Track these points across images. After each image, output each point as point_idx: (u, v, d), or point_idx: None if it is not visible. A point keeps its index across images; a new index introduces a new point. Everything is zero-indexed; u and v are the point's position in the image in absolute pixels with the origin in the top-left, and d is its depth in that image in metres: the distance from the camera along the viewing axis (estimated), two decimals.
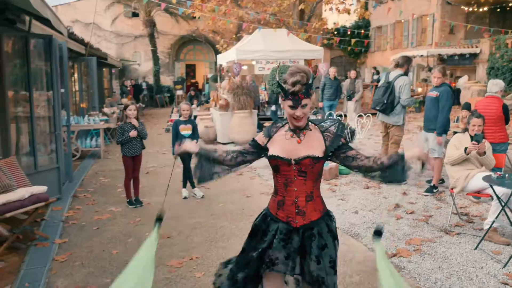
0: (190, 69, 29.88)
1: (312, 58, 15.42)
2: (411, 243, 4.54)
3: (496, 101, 5.79)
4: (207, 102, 17.90)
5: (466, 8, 20.37)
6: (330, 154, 2.34)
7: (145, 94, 24.53)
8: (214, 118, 11.89)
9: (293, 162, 2.26)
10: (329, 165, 7.26)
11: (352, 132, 8.24)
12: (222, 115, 11.18)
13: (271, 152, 2.34)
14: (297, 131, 2.32)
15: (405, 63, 6.62)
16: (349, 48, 24.83)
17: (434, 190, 6.19)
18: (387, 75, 6.73)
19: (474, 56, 18.31)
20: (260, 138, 2.44)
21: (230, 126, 10.90)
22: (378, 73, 23.18)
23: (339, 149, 2.33)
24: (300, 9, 18.30)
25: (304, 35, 15.38)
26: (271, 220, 2.40)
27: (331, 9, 16.75)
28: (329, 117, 2.26)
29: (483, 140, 4.67)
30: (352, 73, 12.04)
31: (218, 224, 5.31)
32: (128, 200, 6.05)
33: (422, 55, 18.89)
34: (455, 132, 8.06)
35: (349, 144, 2.39)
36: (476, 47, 18.38)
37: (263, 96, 14.76)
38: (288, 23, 18.49)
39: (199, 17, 18.13)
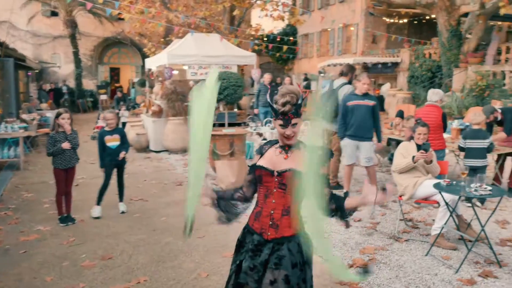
0: (115, 73, 28.63)
1: (245, 64, 15.36)
2: (365, 252, 4.52)
3: (436, 110, 6.01)
4: (134, 107, 17.16)
5: (387, 20, 21.50)
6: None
7: (65, 98, 22.99)
8: (146, 125, 11.35)
9: (275, 173, 2.30)
10: None
11: None
12: (155, 122, 10.69)
13: (258, 163, 2.40)
14: (286, 148, 2.36)
15: (349, 71, 6.68)
16: (277, 54, 25.24)
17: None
18: (331, 83, 6.76)
19: (395, 65, 19.33)
20: (254, 159, 2.50)
21: (163, 133, 10.45)
22: (307, 79, 23.70)
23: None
24: (232, 14, 18.19)
25: (237, 40, 15.26)
26: (247, 231, 2.44)
27: (266, 15, 16.80)
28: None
29: (430, 149, 4.79)
30: (287, 80, 12.10)
31: (163, 240, 4.95)
32: (59, 217, 5.47)
33: (348, 63, 19.54)
34: (390, 139, 8.35)
35: None
36: (397, 56, 19.43)
37: None
38: (219, 28, 18.30)
39: (125, 19, 17.36)
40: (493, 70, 13.78)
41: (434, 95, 6.04)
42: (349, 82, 6.70)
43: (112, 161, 5.77)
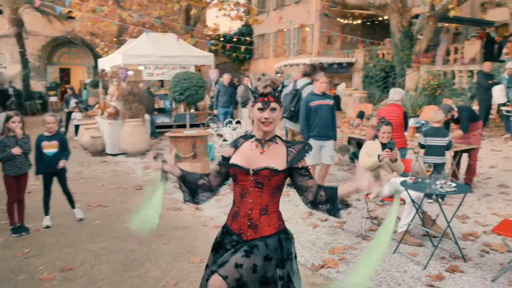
0: (65, 74, 27.54)
1: (202, 64, 15.18)
2: (334, 252, 4.51)
3: (398, 109, 6.12)
4: (86, 109, 16.53)
5: (342, 21, 21.90)
6: (289, 169, 2.26)
7: (12, 100, 21.78)
8: (102, 127, 10.93)
9: (251, 172, 2.23)
10: None
11: None
12: (111, 124, 10.31)
13: (232, 160, 2.31)
14: (262, 141, 2.28)
15: (312, 72, 6.71)
16: (234, 54, 25.15)
17: None
18: (294, 83, 6.74)
19: (350, 65, 19.71)
20: (227, 150, 2.41)
21: (120, 136, 10.10)
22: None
23: (297, 171, 2.27)
24: (189, 14, 17.91)
25: (194, 40, 15.04)
26: (226, 232, 2.36)
27: (224, 15, 16.65)
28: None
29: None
30: (246, 80, 12.03)
31: (127, 247, 4.73)
32: (12, 227, 5.12)
33: (305, 63, 19.76)
34: (350, 138, 8.46)
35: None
36: (352, 56, 19.83)
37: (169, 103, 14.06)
38: (174, 27, 17.98)
39: (75, 18, 16.68)
40: (444, 69, 14.32)
41: (395, 94, 6.16)
42: (312, 82, 6.72)
43: (48, 169, 5.33)
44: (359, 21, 21.05)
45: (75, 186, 6.71)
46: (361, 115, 8.34)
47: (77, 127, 12.68)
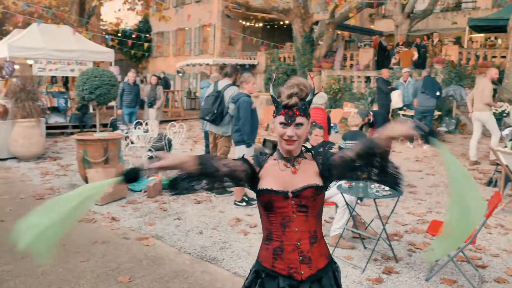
0: None
1: (101, 60, 14.17)
2: None
3: (322, 112, 6.20)
4: None
5: (243, 22, 22.07)
6: (328, 175, 1.91)
7: None
8: None
9: (290, 195, 1.84)
10: (153, 181, 6.59)
11: (169, 143, 7.72)
12: None
13: (262, 185, 1.87)
14: (292, 159, 1.89)
15: (234, 73, 6.50)
16: (132, 52, 24.01)
17: (252, 202, 6.14)
18: (215, 84, 6.49)
19: (253, 67, 19.96)
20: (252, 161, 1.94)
21: (11, 138, 8.93)
22: (164, 78, 22.98)
23: (329, 162, 1.90)
24: (84, 6, 16.61)
25: (91, 34, 13.97)
26: (266, 277, 1.88)
27: (129, 9, 15.69)
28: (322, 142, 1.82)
29: None
30: (153, 79, 11.45)
31: (38, 269, 4.09)
32: None
33: (208, 64, 19.57)
34: (266, 140, 8.44)
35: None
36: (254, 59, 20.09)
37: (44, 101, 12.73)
38: (67, 19, 16.56)
39: None
40: (343, 75, 15.12)
41: (319, 98, 6.24)
42: (234, 83, 6.54)
43: None
44: (260, 24, 21.39)
45: None
46: None
47: None
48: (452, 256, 3.96)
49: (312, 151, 1.98)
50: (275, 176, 1.87)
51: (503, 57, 14.32)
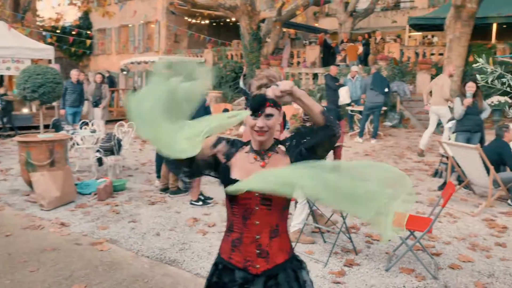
0: None
1: (40, 58, 13.44)
2: None
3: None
4: None
5: (189, 19, 21.74)
6: (298, 156, 1.83)
7: None
8: None
9: None
10: (103, 183, 6.31)
11: (119, 143, 7.41)
12: None
13: (230, 175, 1.86)
14: (262, 152, 1.88)
15: None
16: (73, 49, 23.01)
17: (209, 201, 6.07)
18: None
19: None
20: (219, 149, 1.89)
21: None
22: (110, 77, 22.18)
23: (301, 154, 1.83)
24: (18, 0, 15.67)
25: (29, 30, 13.20)
26: (222, 269, 1.88)
27: (70, 4, 14.94)
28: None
29: None
30: (98, 77, 10.98)
31: None
32: None
33: (153, 61, 19.10)
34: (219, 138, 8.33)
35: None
36: (201, 56, 19.84)
37: None
38: (1, 14, 15.56)
39: None
40: (292, 71, 15.27)
41: None
42: None
43: None
44: (207, 21, 21.17)
45: None
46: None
47: None
48: (411, 246, 4.08)
49: (286, 143, 1.92)
50: (243, 168, 1.85)
51: (441, 54, 15.06)
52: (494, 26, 16.19)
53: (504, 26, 16.32)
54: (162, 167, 6.56)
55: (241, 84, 2.09)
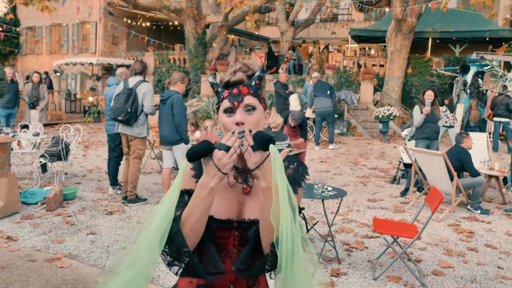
0: None
1: None
2: None
3: None
4: None
5: (128, 21, 20.89)
6: None
7: None
8: None
9: (235, 224, 1.36)
10: (52, 191, 5.70)
11: (67, 147, 6.77)
12: None
13: None
14: (245, 172, 1.38)
15: (144, 69, 6.01)
16: None
17: None
18: (125, 82, 5.86)
19: None
20: (186, 180, 1.36)
21: None
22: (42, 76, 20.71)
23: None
24: None
25: None
26: None
27: None
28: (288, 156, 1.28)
29: None
30: (35, 77, 10.10)
31: None
32: None
33: (91, 63, 18.14)
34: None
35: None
36: (142, 59, 19.10)
37: None
38: None
39: None
40: None
41: None
42: (144, 80, 6.01)
43: None
44: (148, 24, 20.45)
45: None
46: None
47: None
48: (399, 254, 4.00)
49: None
50: (220, 195, 1.35)
51: (381, 65, 15.64)
52: (430, 40, 17.13)
53: (438, 41, 17.33)
54: (124, 172, 6.08)
55: (210, 79, 1.71)
